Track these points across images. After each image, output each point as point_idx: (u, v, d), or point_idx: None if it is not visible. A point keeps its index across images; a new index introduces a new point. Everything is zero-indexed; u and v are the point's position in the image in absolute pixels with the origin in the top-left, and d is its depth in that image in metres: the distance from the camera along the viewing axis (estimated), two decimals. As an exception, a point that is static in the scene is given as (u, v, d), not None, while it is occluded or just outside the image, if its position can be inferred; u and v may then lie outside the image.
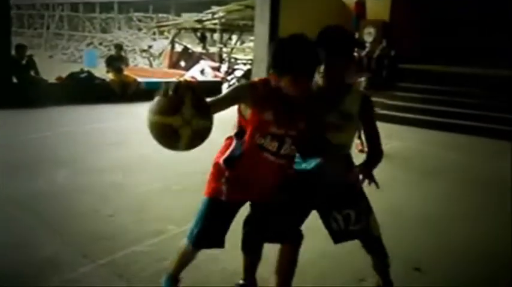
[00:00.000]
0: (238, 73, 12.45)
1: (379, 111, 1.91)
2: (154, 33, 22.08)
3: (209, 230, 1.97)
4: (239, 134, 1.93)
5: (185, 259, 2.11)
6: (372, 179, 2.00)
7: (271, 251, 2.12)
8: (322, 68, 1.91)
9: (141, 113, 2.02)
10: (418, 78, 9.24)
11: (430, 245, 3.07)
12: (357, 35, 11.64)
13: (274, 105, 1.81)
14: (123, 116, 7.76)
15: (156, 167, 4.83)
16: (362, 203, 2.08)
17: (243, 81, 12.05)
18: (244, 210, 2.11)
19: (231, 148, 1.92)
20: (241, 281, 2.35)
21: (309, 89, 1.85)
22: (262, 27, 12.15)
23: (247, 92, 1.82)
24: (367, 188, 2.07)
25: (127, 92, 9.31)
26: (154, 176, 4.49)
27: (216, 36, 20.01)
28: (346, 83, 2.07)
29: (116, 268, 2.62)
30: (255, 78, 1.77)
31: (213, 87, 11.33)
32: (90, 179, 4.24)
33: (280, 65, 1.75)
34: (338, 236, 2.10)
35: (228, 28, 19.04)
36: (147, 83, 10.11)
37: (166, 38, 20.38)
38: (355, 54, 6.62)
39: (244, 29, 19.02)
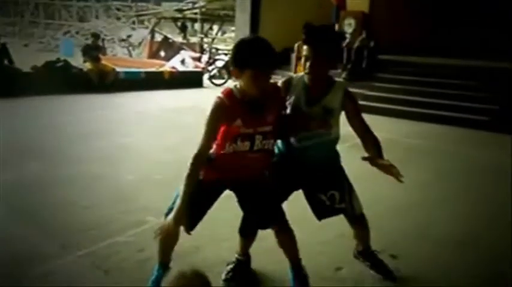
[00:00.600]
0: (220, 63, 12.34)
1: (358, 102, 2.00)
2: (133, 23, 21.67)
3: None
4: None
5: (168, 240, 2.08)
6: (391, 166, 1.96)
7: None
8: (307, 65, 2.04)
9: (119, 103, 1.98)
10: (398, 69, 9.37)
11: (408, 232, 3.14)
12: (336, 26, 11.72)
13: (242, 111, 1.93)
14: (101, 106, 7.62)
15: (137, 157, 4.78)
16: (345, 184, 2.25)
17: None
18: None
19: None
20: (237, 256, 2.47)
21: (267, 85, 1.92)
22: (243, 17, 12.08)
23: (221, 114, 1.93)
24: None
25: (105, 81, 9.14)
26: (135, 166, 4.43)
27: (197, 26, 19.79)
28: (330, 78, 2.15)
29: (96, 259, 2.59)
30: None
31: (194, 77, 11.25)
32: (69, 170, 4.16)
33: (239, 61, 1.88)
34: (322, 213, 2.27)
35: (208, 18, 18.86)
36: (126, 73, 9.96)
37: (146, 27, 20.05)
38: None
39: (225, 19, 18.87)
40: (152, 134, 5.96)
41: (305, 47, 2.06)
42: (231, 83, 2.07)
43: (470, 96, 7.69)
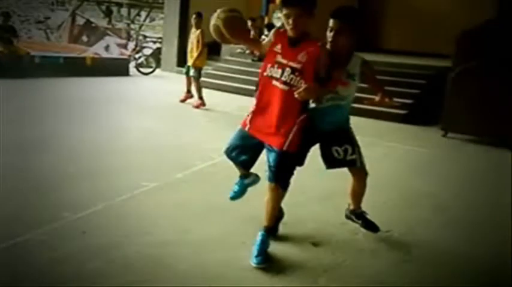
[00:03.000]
0: (147, 51, 11.88)
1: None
2: (52, 4, 20.11)
3: (236, 148, 2.61)
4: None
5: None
6: (391, 99, 2.70)
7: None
8: (330, 36, 2.53)
9: (36, 89, 1.77)
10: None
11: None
12: (266, 19, 11.79)
13: (282, 42, 2.46)
14: (14, 93, 6.98)
15: (55, 147, 4.43)
16: (355, 141, 2.77)
17: (151, 60, 11.55)
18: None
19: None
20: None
21: (300, 29, 2.39)
22: (172, 4, 11.71)
23: (273, 36, 2.51)
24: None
25: (18, 66, 8.38)
26: (53, 157, 4.10)
27: (124, 11, 18.86)
28: (351, 49, 2.64)
29: (4, 258, 2.34)
30: (165, 56, 1.85)
31: (119, 65, 10.71)
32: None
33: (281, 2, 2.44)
34: (334, 163, 2.75)
35: (136, 4, 18.06)
36: (43, 57, 9.21)
37: (67, 9, 18.71)
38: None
39: (153, 5, 18.19)
40: (67, 123, 5.56)
41: (332, 21, 2.54)
42: (159, 72, 1.96)
43: (390, 91, 8.09)
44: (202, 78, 7.92)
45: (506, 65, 5.83)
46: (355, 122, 2.88)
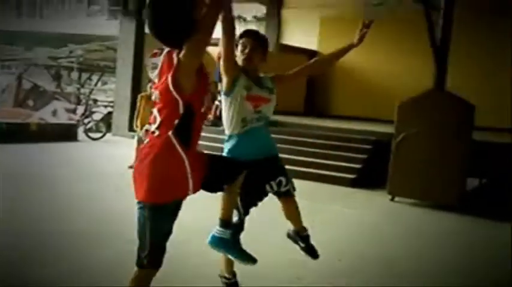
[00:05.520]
0: (97, 116, 11.68)
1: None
2: (-3, 67, 19.61)
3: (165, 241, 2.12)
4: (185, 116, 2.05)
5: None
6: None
7: None
8: (245, 53, 2.58)
9: None
10: (276, 129, 9.83)
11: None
12: (219, 86, 12.09)
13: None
14: None
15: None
16: (286, 171, 2.69)
17: (102, 124, 11.34)
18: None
19: (178, 123, 2.04)
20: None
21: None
22: (124, 68, 11.76)
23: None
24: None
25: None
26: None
27: (74, 75, 18.68)
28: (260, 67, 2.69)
29: None
30: (117, 121, 1.81)
31: (67, 130, 10.41)
32: None
33: None
34: (264, 196, 2.65)
35: (87, 68, 18.00)
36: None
37: (13, 73, 18.26)
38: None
39: (105, 70, 18.20)
40: None
41: (246, 39, 2.59)
42: (110, 137, 1.91)
43: (338, 156, 8.35)
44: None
45: (443, 132, 6.26)
46: (303, 186, 2.92)
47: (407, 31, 10.85)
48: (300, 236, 2.80)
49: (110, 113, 12.21)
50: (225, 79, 2.56)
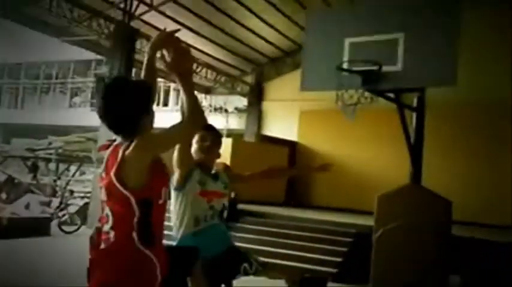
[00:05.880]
0: (72, 209, 11.37)
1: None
2: (-29, 158, 19.28)
3: None
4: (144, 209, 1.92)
5: None
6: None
7: None
8: (206, 146, 2.63)
9: None
10: (257, 219, 9.76)
11: None
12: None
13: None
14: None
15: None
16: (245, 253, 2.73)
17: (77, 217, 10.98)
18: None
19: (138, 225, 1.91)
20: None
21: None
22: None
23: None
24: None
25: None
26: None
27: (52, 165, 18.47)
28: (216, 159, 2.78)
29: None
30: (93, 212, 1.77)
31: (39, 224, 10.01)
32: None
33: None
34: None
35: (66, 159, 17.92)
36: None
37: (-12, 165, 17.94)
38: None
39: (84, 160, 18.12)
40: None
41: (206, 133, 2.63)
42: (85, 230, 1.87)
43: (320, 249, 8.23)
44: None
45: (421, 228, 6.30)
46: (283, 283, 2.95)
47: (387, 121, 11.21)
48: None
49: (86, 203, 11.92)
50: (177, 172, 2.46)
